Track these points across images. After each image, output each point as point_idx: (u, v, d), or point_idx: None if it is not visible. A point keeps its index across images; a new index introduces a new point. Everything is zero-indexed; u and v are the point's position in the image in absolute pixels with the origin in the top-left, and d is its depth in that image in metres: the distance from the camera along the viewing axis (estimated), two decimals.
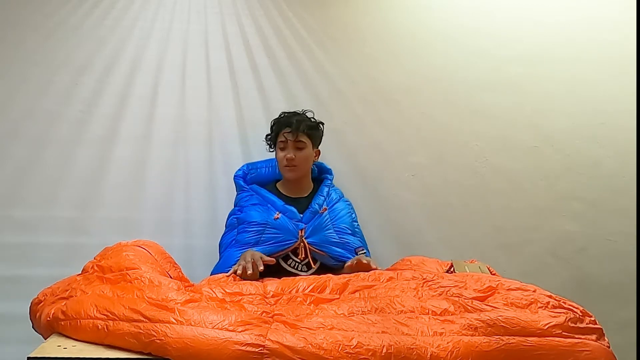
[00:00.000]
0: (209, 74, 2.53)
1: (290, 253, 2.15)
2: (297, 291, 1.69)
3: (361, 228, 2.36)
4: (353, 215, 2.36)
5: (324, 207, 2.25)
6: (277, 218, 2.17)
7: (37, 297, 1.66)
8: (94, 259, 1.78)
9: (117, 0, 2.50)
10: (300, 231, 2.16)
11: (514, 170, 2.59)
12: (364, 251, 2.21)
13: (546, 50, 2.59)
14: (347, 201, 2.40)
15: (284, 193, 2.30)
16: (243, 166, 2.41)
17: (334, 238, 2.19)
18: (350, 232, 2.26)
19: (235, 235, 2.19)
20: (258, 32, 2.54)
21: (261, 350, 1.31)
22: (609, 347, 1.42)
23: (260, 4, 2.55)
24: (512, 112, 2.59)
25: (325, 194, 2.30)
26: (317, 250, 2.15)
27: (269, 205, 2.23)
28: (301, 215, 2.22)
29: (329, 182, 2.37)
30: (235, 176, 2.37)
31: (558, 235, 2.59)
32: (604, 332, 1.45)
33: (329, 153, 2.52)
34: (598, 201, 2.59)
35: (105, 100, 2.47)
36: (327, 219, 2.23)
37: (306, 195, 2.32)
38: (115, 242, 1.86)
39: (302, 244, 2.15)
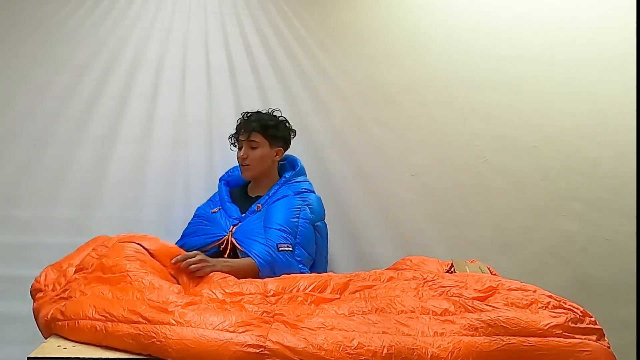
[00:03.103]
0: (209, 73, 2.53)
1: (222, 251, 2.11)
2: (297, 290, 1.69)
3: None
4: (300, 213, 2.18)
5: (257, 205, 2.21)
6: (215, 212, 2.22)
7: (38, 281, 1.69)
8: (94, 254, 1.78)
9: (117, 0, 2.51)
10: (232, 227, 2.15)
11: (514, 170, 2.59)
12: (289, 247, 2.06)
13: (546, 50, 2.58)
14: (301, 197, 2.24)
15: (249, 193, 2.32)
16: (228, 170, 2.42)
17: (259, 235, 2.08)
18: (278, 228, 2.11)
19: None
20: (258, 32, 2.54)
21: (262, 351, 1.31)
22: (609, 348, 1.42)
23: (260, 4, 2.55)
24: (512, 112, 2.59)
25: (271, 193, 2.24)
26: (239, 247, 2.06)
27: (218, 201, 2.29)
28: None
29: (283, 179, 2.28)
30: (219, 179, 2.40)
31: (558, 235, 2.58)
32: (604, 332, 1.45)
33: (328, 153, 2.52)
34: (598, 201, 2.58)
35: (105, 100, 2.47)
36: (258, 217, 2.17)
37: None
38: None
39: (228, 239, 2.11)
